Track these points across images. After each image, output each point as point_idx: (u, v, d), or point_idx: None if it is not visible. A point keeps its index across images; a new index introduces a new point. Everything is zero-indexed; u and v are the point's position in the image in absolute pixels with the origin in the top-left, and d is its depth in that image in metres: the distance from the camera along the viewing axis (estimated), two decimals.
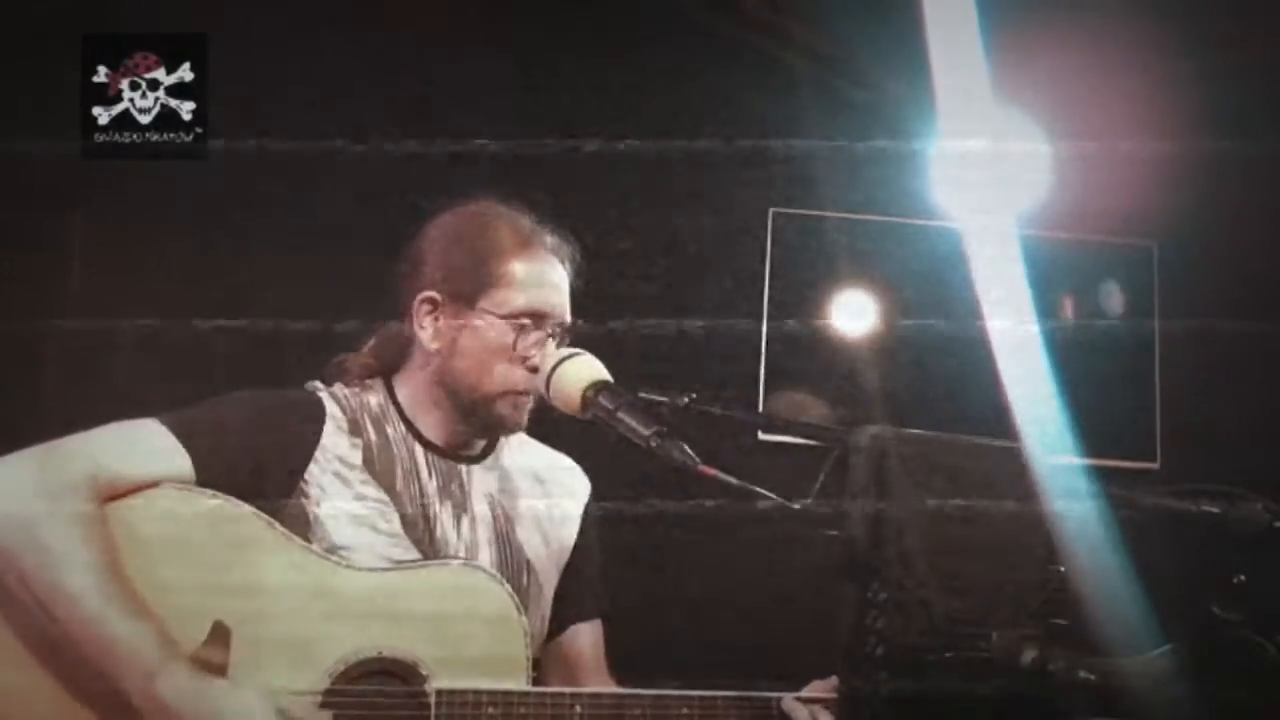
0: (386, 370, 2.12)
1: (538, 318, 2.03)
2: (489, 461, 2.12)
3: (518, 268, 2.04)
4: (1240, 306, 3.82)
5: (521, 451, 2.18)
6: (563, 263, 2.10)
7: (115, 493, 1.83)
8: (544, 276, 2.06)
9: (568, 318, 2.08)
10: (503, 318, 2.01)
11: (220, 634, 1.79)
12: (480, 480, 2.10)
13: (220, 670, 1.77)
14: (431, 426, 2.07)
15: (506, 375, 2.02)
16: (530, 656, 1.92)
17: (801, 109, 3.75)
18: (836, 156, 3.80)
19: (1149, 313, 4.01)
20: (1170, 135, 3.56)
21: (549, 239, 2.10)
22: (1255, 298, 3.81)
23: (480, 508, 2.08)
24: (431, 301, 2.05)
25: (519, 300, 2.02)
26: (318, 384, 2.08)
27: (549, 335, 2.03)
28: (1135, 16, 3.34)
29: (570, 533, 2.17)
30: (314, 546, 1.90)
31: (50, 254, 3.34)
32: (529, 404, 2.05)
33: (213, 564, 1.85)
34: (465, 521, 2.05)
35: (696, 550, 3.53)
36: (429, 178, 3.42)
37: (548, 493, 2.18)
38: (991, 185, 3.75)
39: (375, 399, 2.07)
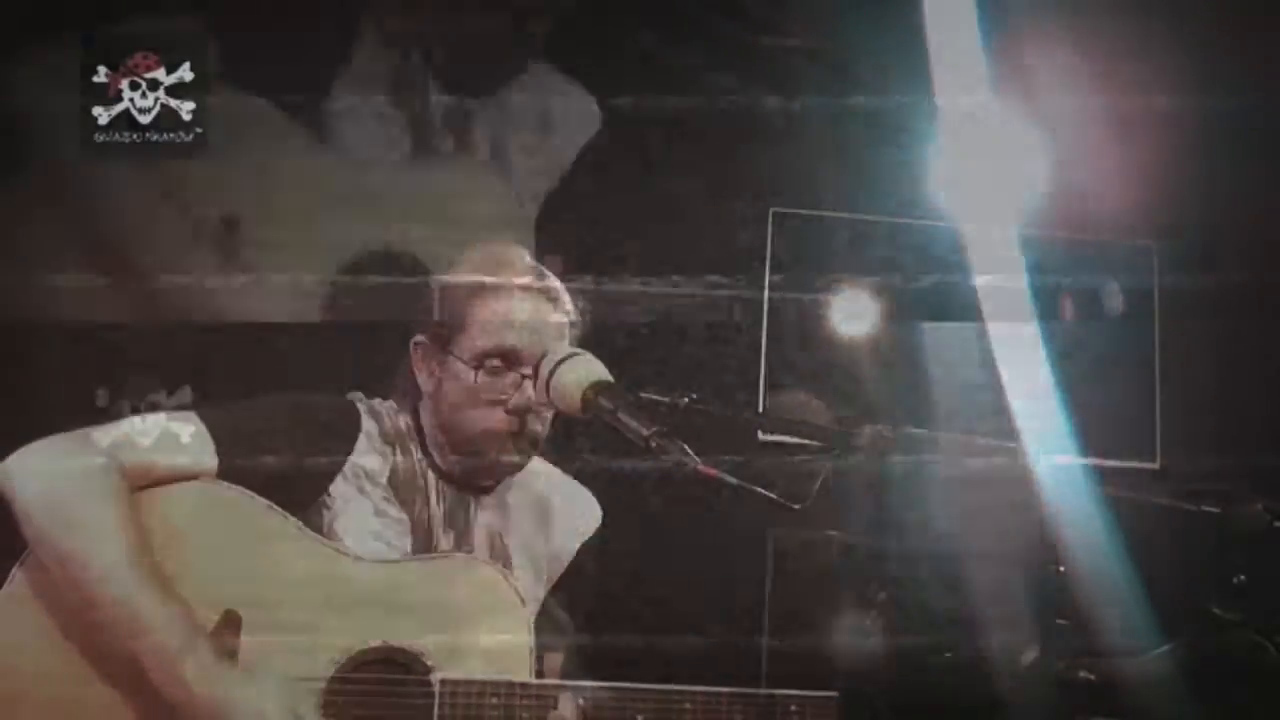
0: (417, 397, 2.13)
1: (507, 359, 2.02)
2: (495, 494, 2.14)
3: (477, 310, 2.03)
4: (1240, 306, 3.82)
5: (530, 483, 2.16)
6: (551, 300, 2.06)
7: (145, 481, 1.85)
8: (509, 318, 2.03)
9: (554, 355, 2.01)
10: (466, 362, 2.02)
11: (231, 621, 1.81)
12: (483, 514, 2.11)
13: (231, 656, 1.78)
14: (443, 456, 2.09)
15: (482, 418, 2.01)
16: (533, 648, 1.92)
17: (801, 109, 3.75)
18: (837, 156, 3.81)
19: (1149, 313, 4.01)
20: (1170, 135, 3.56)
21: (534, 279, 2.07)
22: (1255, 297, 3.82)
23: (480, 541, 2.09)
24: (422, 346, 2.08)
25: (478, 343, 2.01)
26: (360, 395, 2.10)
27: (526, 378, 2.01)
28: (1135, 16, 3.35)
29: (561, 566, 2.17)
30: (322, 538, 1.91)
31: (50, 254, 3.34)
32: (520, 445, 2.03)
33: (222, 553, 1.86)
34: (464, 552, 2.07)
35: (695, 549, 3.53)
36: (427, 179, 3.43)
37: (549, 527, 2.17)
38: (991, 185, 3.75)
39: (405, 420, 2.09)
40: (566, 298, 2.10)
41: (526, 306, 2.05)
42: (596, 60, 3.71)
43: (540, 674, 1.97)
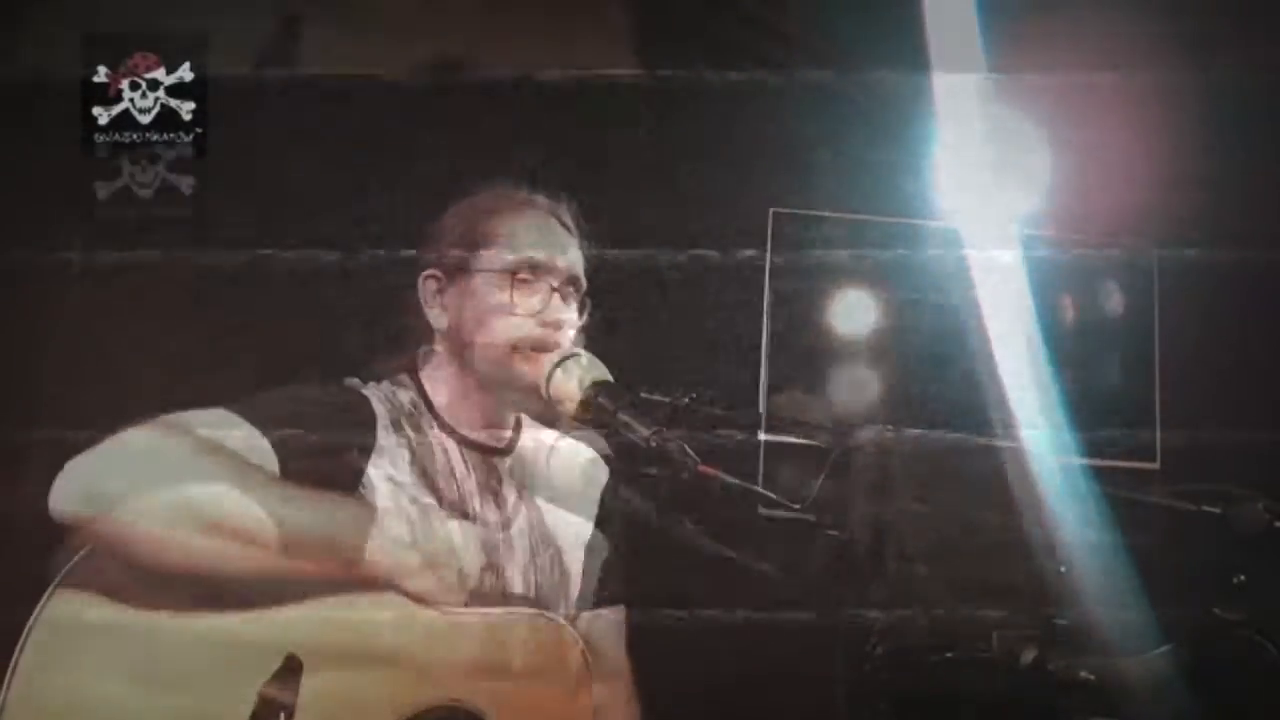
0: (415, 368, 2.12)
1: (535, 270, 2.04)
2: (515, 453, 2.14)
3: (505, 223, 2.07)
4: (1240, 307, 3.82)
5: (541, 440, 2.19)
6: (561, 221, 2.11)
7: None
8: (535, 230, 2.08)
9: (575, 271, 2.08)
10: (497, 273, 2.02)
11: (292, 668, 1.76)
12: (510, 472, 2.11)
13: (289, 710, 1.74)
14: (463, 418, 2.08)
15: (514, 328, 2.02)
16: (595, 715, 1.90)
17: (801, 109, 3.74)
18: (836, 156, 3.80)
19: (1149, 313, 4.00)
20: (1171, 135, 3.56)
21: (542, 199, 2.12)
22: (1255, 299, 3.81)
23: (513, 500, 2.09)
24: (435, 279, 2.08)
25: (509, 254, 2.04)
26: (356, 380, 2.09)
27: (555, 290, 2.03)
28: (1136, 16, 3.34)
29: (589, 517, 2.19)
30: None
31: (50, 254, 3.33)
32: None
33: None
34: (503, 517, 2.05)
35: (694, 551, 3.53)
36: (428, 167, 3.42)
37: (569, 480, 2.18)
38: (991, 185, 3.75)
39: (407, 396, 2.08)
40: (570, 220, 2.14)
41: (541, 221, 2.08)
42: (592, 59, 3.70)
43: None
